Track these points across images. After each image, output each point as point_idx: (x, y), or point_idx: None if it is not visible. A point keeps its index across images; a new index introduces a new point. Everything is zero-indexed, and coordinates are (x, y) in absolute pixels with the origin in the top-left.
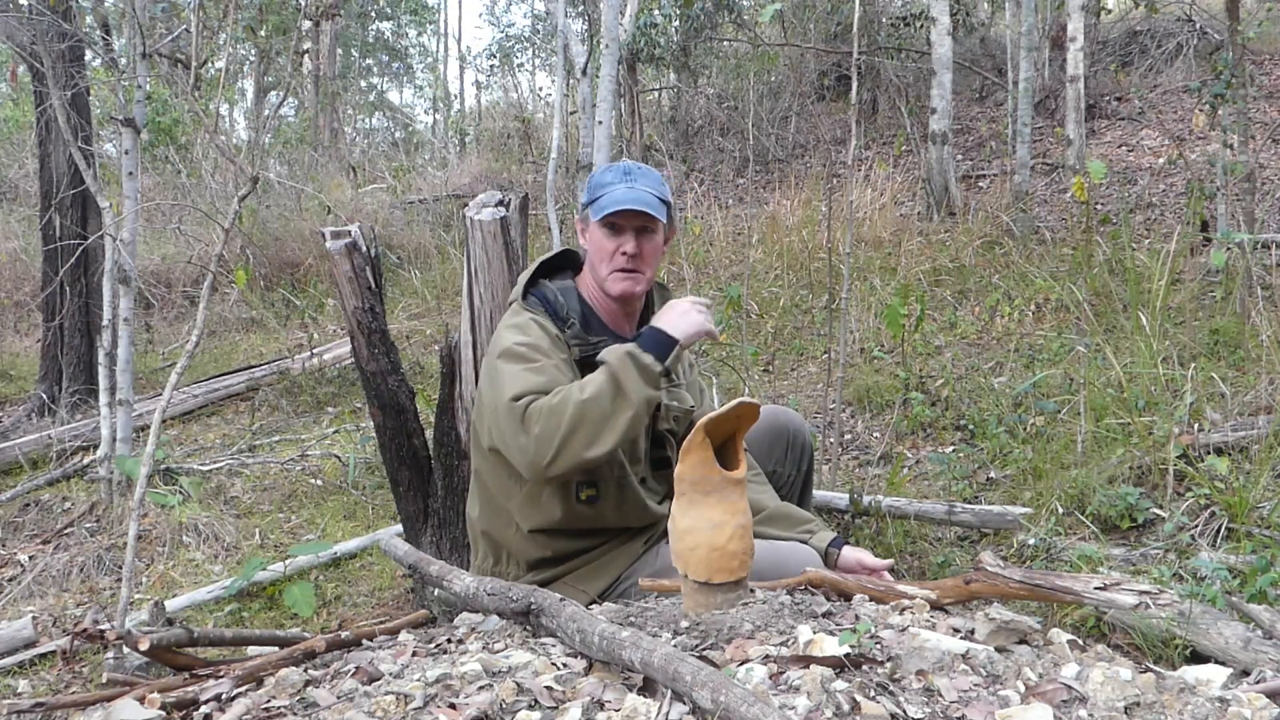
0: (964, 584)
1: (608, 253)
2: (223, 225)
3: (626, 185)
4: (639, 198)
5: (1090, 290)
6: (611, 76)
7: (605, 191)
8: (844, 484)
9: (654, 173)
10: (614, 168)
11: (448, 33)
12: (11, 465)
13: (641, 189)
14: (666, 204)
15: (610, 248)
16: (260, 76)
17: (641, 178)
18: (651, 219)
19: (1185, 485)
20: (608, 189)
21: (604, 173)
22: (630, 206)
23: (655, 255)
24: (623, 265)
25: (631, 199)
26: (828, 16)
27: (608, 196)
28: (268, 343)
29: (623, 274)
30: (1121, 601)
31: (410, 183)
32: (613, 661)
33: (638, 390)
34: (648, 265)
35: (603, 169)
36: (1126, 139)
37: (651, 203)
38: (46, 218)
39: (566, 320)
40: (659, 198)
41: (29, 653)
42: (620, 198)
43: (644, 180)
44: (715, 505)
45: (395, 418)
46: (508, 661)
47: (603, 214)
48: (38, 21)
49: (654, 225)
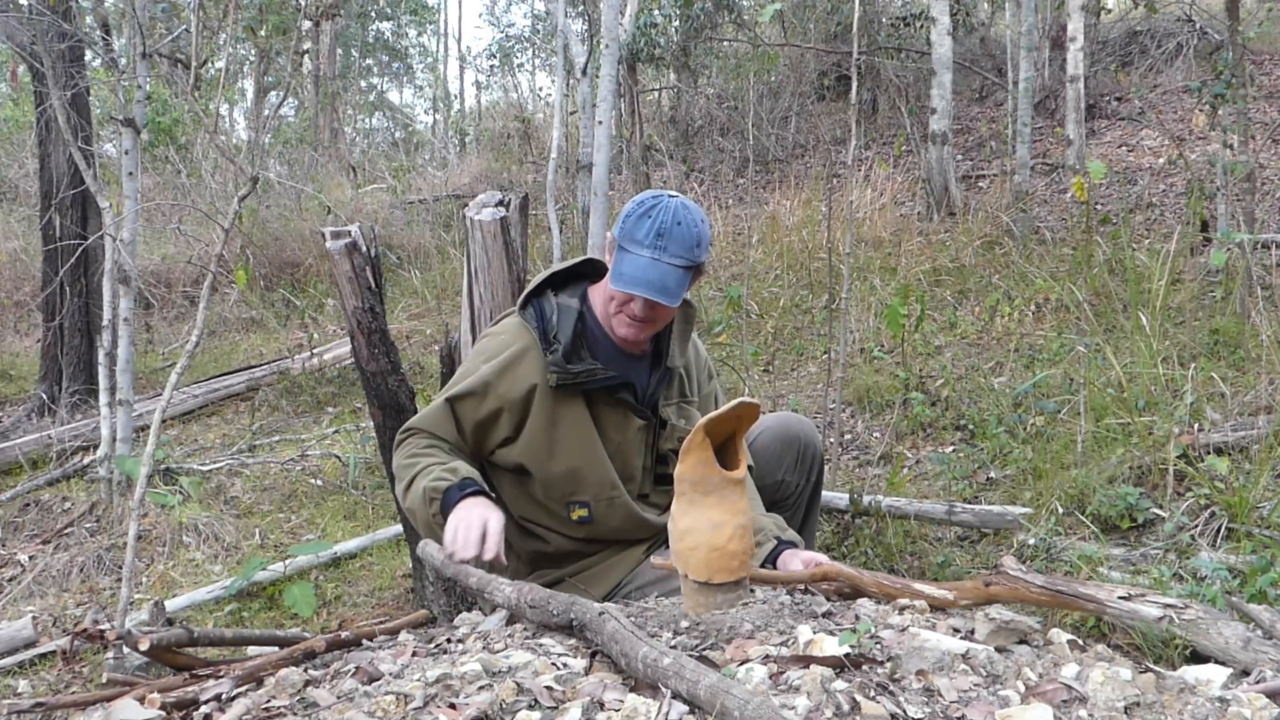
0: (984, 586)
1: (618, 302)
2: (223, 225)
3: (651, 257)
4: (658, 282)
5: (1090, 290)
6: (611, 76)
7: (630, 252)
8: (844, 484)
9: (691, 229)
10: (651, 219)
11: (448, 33)
12: (11, 465)
13: (667, 264)
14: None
15: (617, 302)
16: (260, 76)
17: (675, 244)
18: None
19: (1185, 485)
20: (633, 251)
21: (642, 219)
22: (641, 295)
23: (671, 313)
24: (629, 322)
25: (649, 283)
26: (828, 16)
27: (629, 264)
28: (268, 343)
29: (629, 326)
30: (1145, 614)
31: (410, 183)
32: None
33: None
34: (661, 321)
35: (640, 209)
36: (1126, 139)
37: (670, 289)
38: (46, 218)
39: (551, 344)
40: (687, 266)
41: (29, 653)
42: (639, 276)
43: (675, 248)
44: (715, 505)
45: (395, 418)
46: (508, 661)
47: (620, 288)
48: (38, 21)
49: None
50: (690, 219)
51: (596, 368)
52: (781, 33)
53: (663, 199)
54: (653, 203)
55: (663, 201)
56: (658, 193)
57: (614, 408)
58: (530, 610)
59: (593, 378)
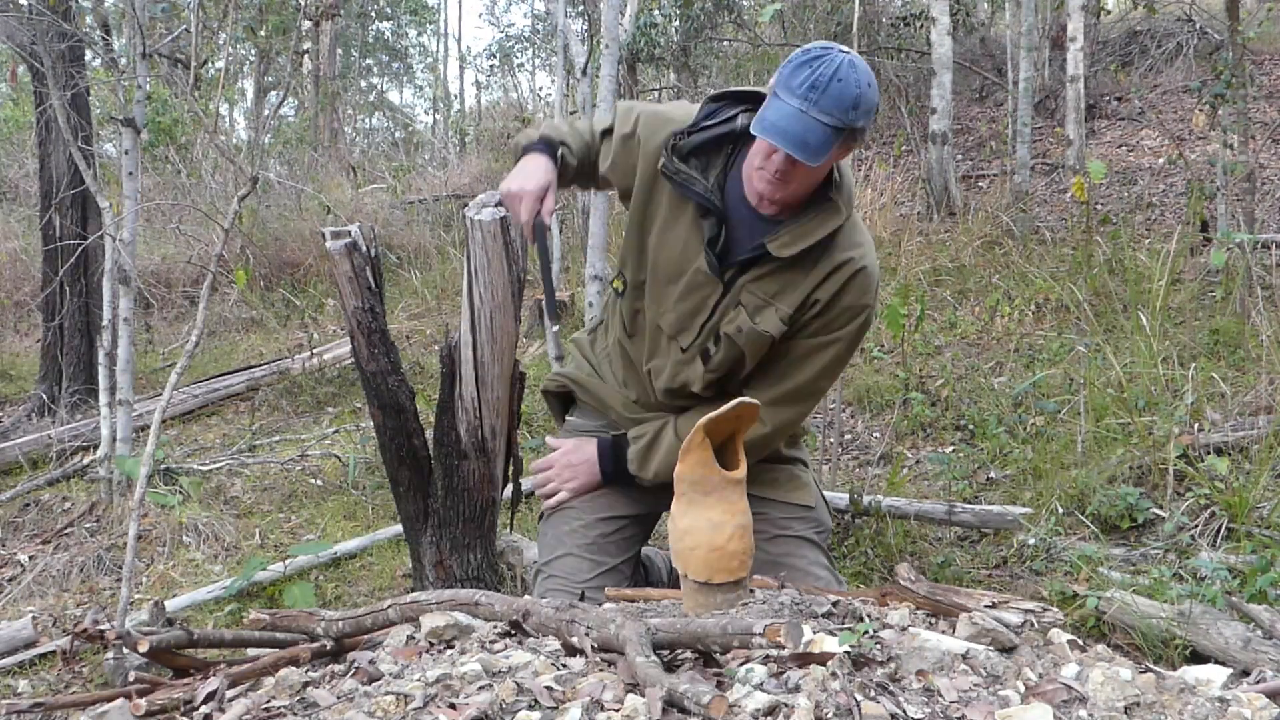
0: (880, 595)
1: (758, 156)
2: (223, 225)
3: (799, 108)
4: (798, 135)
5: (1090, 290)
6: (611, 76)
7: (780, 98)
8: (844, 484)
9: (851, 89)
10: (811, 69)
11: (448, 33)
12: (11, 465)
13: (814, 118)
14: (846, 130)
15: (760, 153)
16: (260, 76)
17: (828, 100)
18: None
19: (1185, 485)
20: (783, 98)
21: (800, 67)
22: (775, 143)
23: (811, 176)
24: (766, 176)
25: (787, 133)
26: (828, 16)
27: (775, 110)
28: (268, 343)
29: (763, 179)
30: (1007, 619)
31: (410, 183)
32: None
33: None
34: (796, 184)
35: (803, 56)
36: (1126, 139)
37: (810, 144)
38: (46, 218)
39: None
40: (837, 126)
41: (29, 653)
42: (780, 124)
43: (828, 103)
44: (715, 505)
45: (395, 418)
46: (508, 661)
47: (755, 131)
48: (38, 21)
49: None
50: (855, 77)
51: (699, 179)
52: (781, 33)
53: (832, 51)
54: (819, 53)
55: (831, 54)
56: (828, 44)
57: (694, 231)
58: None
59: (689, 184)
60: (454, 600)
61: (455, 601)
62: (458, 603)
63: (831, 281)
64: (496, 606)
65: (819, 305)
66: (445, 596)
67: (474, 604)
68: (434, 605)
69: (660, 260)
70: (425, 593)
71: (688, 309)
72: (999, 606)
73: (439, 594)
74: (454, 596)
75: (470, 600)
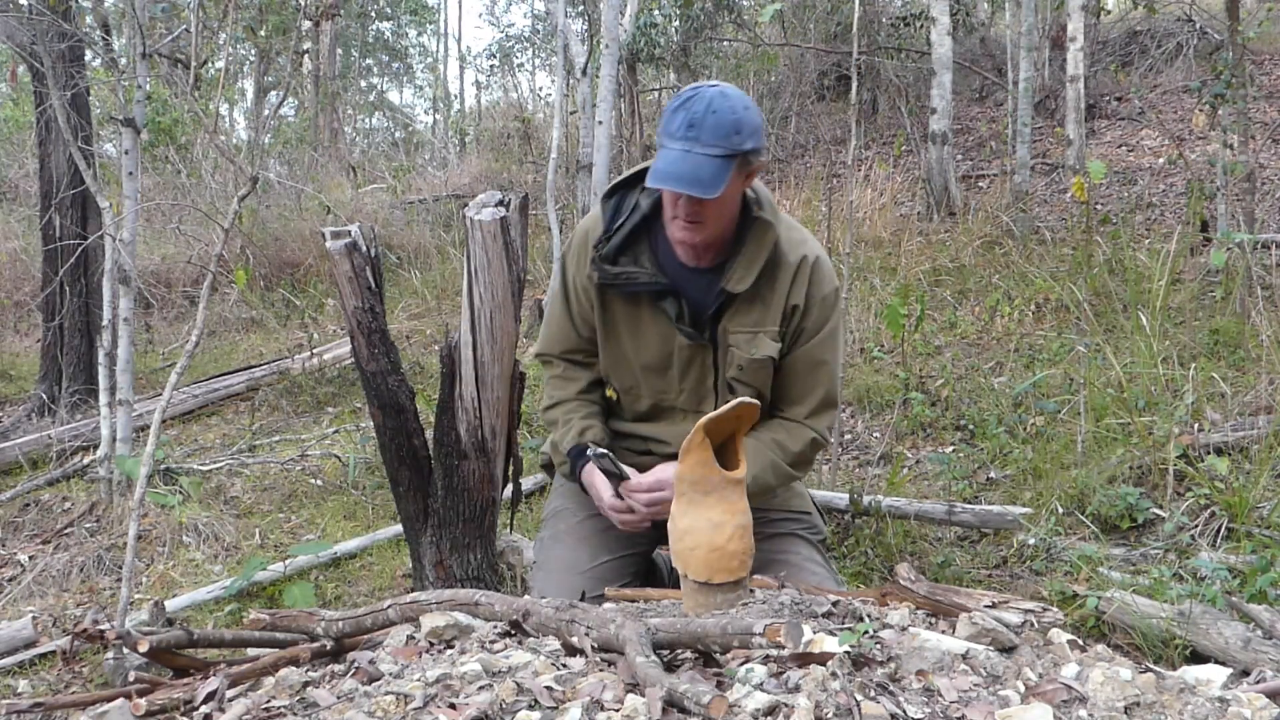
0: (880, 595)
1: (667, 204)
2: (223, 225)
3: (683, 149)
4: (689, 174)
5: (1090, 290)
6: (611, 76)
7: (665, 145)
8: (844, 484)
9: (727, 116)
10: (685, 109)
11: (448, 33)
12: (11, 465)
13: (699, 154)
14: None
15: (668, 200)
16: (260, 76)
17: (707, 133)
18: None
19: (1185, 485)
20: (668, 145)
21: (675, 113)
22: (670, 188)
23: (721, 206)
24: (680, 220)
25: (679, 175)
26: (828, 16)
27: (662, 159)
28: (268, 343)
29: (681, 226)
30: (1007, 619)
31: (410, 183)
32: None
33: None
34: (710, 220)
35: (675, 103)
36: (1126, 139)
37: (701, 179)
38: (46, 218)
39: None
40: (725, 155)
41: (29, 653)
42: (669, 170)
43: (709, 136)
44: (715, 505)
45: (395, 418)
46: (508, 661)
47: (650, 183)
48: (38, 21)
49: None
50: (728, 105)
51: (638, 271)
52: (781, 33)
53: (701, 89)
54: (690, 94)
55: (701, 92)
56: (697, 85)
57: (659, 317)
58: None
59: (632, 281)
60: (454, 600)
61: (455, 601)
62: (458, 603)
63: (799, 283)
64: (496, 606)
65: (800, 308)
66: (445, 596)
67: (474, 604)
68: (434, 605)
69: (645, 359)
70: (425, 593)
71: (693, 382)
72: (999, 606)
73: (439, 594)
74: (454, 596)
75: (470, 600)
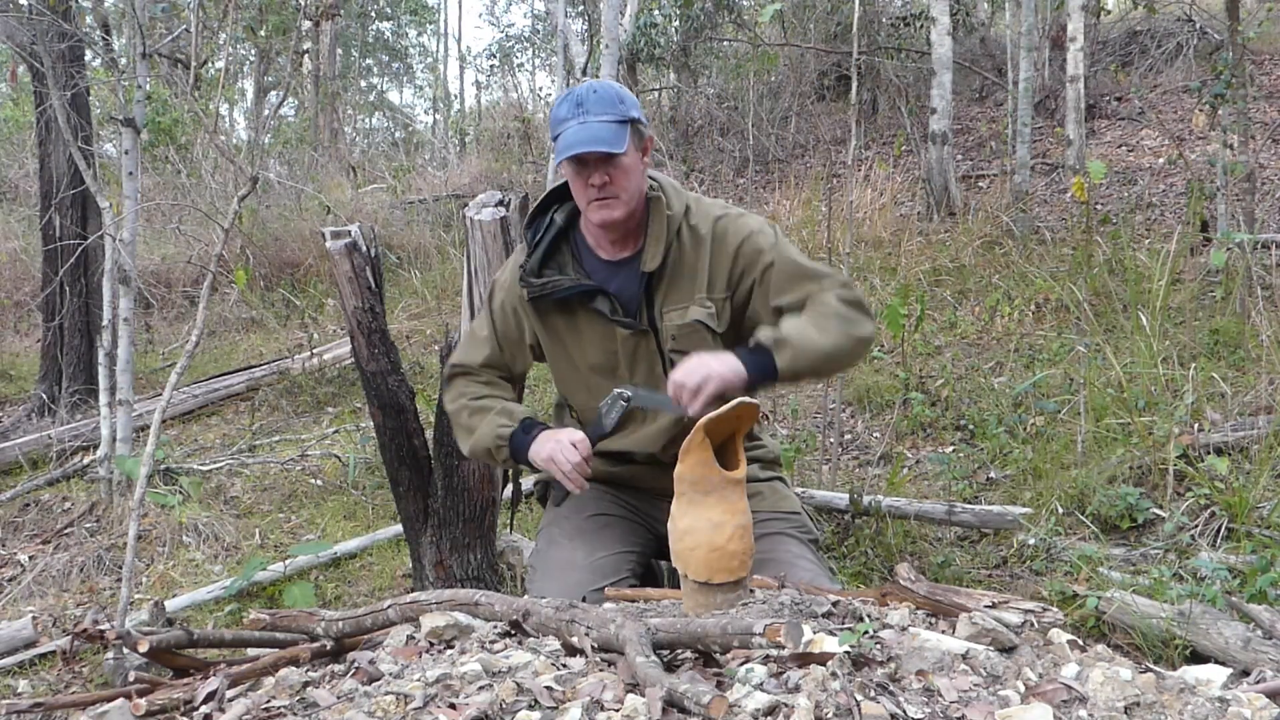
0: (880, 595)
1: (580, 189)
2: (223, 225)
3: (578, 122)
4: (590, 136)
5: (1090, 290)
6: (611, 76)
7: (560, 130)
8: (844, 484)
9: (609, 91)
10: (568, 98)
11: (448, 33)
12: (11, 465)
13: (594, 121)
14: (627, 122)
15: (580, 184)
16: (260, 76)
17: (594, 106)
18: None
19: (1185, 485)
20: (562, 127)
21: (559, 105)
22: (580, 151)
23: (629, 174)
24: (595, 196)
25: (582, 140)
26: (828, 16)
27: (562, 139)
28: (268, 343)
29: (598, 204)
30: (1007, 619)
31: (410, 183)
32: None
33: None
34: (621, 188)
35: (559, 100)
36: (1126, 139)
37: (604, 138)
38: (46, 218)
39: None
40: (617, 120)
41: (29, 653)
42: (571, 140)
43: (597, 108)
44: (715, 505)
45: (395, 418)
46: (508, 661)
47: (560, 159)
48: (38, 21)
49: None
50: (606, 85)
51: (561, 278)
52: (781, 33)
53: (579, 84)
54: (570, 89)
55: (579, 85)
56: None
57: (594, 318)
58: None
59: (558, 287)
60: (454, 600)
61: (455, 601)
62: (458, 603)
63: (720, 246)
64: (496, 606)
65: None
66: (445, 596)
67: (474, 604)
68: (434, 605)
69: (591, 361)
70: (425, 593)
71: (643, 374)
72: (999, 606)
73: (439, 594)
74: (454, 596)
75: (470, 600)
